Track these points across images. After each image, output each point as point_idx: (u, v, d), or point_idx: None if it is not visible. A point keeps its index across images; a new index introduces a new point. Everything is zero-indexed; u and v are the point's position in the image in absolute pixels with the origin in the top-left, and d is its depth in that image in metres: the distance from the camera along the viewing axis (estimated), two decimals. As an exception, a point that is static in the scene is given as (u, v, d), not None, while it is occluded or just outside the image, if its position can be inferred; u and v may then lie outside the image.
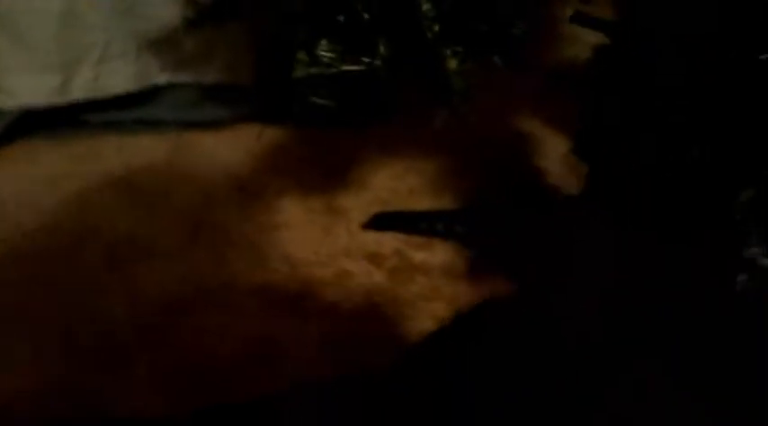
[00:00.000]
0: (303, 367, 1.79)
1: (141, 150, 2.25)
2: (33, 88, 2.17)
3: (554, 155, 2.06)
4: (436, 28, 1.75)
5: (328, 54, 1.78)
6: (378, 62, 1.77)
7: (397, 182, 2.10)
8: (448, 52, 1.78)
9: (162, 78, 2.26)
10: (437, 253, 1.99)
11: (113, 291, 1.92)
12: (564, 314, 1.81)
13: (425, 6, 1.74)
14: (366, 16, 1.74)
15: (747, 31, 1.56)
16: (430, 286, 1.93)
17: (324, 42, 1.76)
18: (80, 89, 2.21)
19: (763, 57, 1.51)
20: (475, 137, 2.11)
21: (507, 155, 2.11)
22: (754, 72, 1.56)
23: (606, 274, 1.85)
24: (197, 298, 1.92)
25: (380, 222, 2.04)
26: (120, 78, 2.24)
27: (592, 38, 2.00)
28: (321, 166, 2.15)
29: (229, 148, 2.25)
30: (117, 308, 1.90)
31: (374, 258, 1.99)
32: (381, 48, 1.77)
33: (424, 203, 2.06)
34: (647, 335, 1.73)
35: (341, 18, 1.75)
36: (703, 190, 1.67)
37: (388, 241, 2.01)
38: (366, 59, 1.77)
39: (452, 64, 1.79)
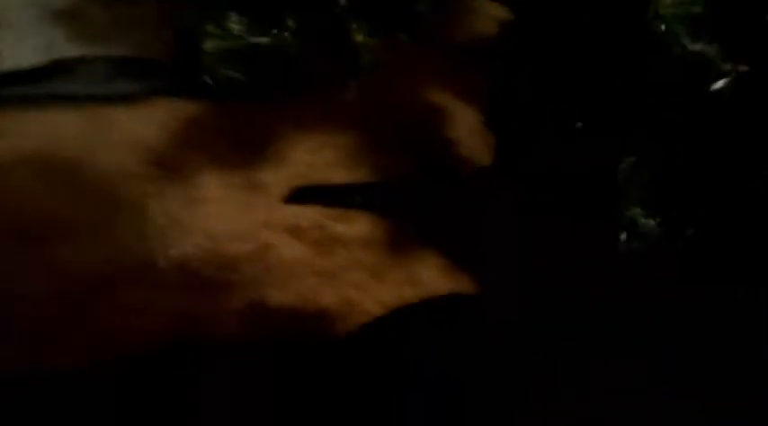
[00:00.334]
0: (227, 340, 1.83)
1: (55, 126, 2.21)
2: (-67, 61, 2.12)
3: (465, 126, 2.13)
4: (343, 1, 1.80)
5: (237, 26, 1.81)
6: (286, 34, 1.82)
7: (313, 157, 2.14)
8: (355, 26, 1.84)
9: (71, 51, 2.23)
10: (356, 225, 2.04)
11: (33, 270, 1.91)
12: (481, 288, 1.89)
13: None
14: None
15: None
16: (350, 257, 1.99)
17: (233, 15, 1.79)
18: (-17, 62, 2.17)
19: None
20: (388, 111, 2.16)
21: (420, 127, 2.18)
22: (632, 45, 1.67)
23: (513, 246, 1.95)
24: (118, 275, 1.93)
25: (300, 195, 2.08)
26: (25, 50, 2.21)
27: (500, 12, 2.08)
28: (238, 141, 2.17)
29: (144, 123, 2.24)
30: (38, 287, 1.89)
31: (294, 231, 2.03)
32: (289, 21, 1.81)
33: (341, 177, 2.11)
34: (557, 310, 1.83)
35: None
36: (590, 158, 1.79)
37: (308, 214, 2.06)
38: (275, 31, 1.81)
39: (359, 37, 1.84)
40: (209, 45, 1.77)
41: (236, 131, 2.18)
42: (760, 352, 1.73)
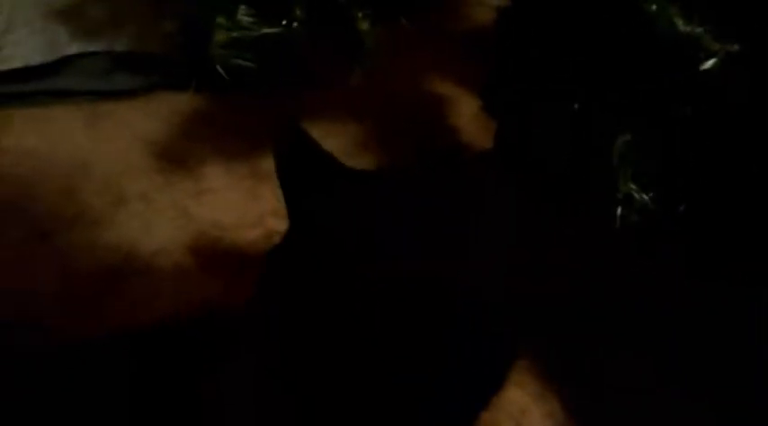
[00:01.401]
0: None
1: (55, 122, 2.23)
2: (-63, 60, 2.12)
3: (467, 113, 2.17)
4: None
5: (247, 18, 1.85)
6: (295, 25, 1.86)
7: (318, 145, 2.16)
8: (359, 14, 1.89)
9: (72, 48, 2.24)
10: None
11: (44, 264, 1.93)
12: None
13: None
14: None
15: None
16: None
17: (243, 7, 1.83)
18: (-15, 61, 2.18)
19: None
20: (391, 99, 2.20)
21: (422, 114, 2.22)
22: (624, 26, 1.71)
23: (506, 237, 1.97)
24: (128, 267, 1.94)
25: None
26: (27, 49, 2.22)
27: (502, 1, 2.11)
28: (241, 132, 2.19)
29: (146, 117, 2.26)
30: (48, 280, 1.91)
31: (302, 218, 2.05)
32: (297, 11, 1.86)
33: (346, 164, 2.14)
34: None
35: None
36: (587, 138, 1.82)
37: (315, 201, 2.08)
38: (284, 22, 1.86)
39: (363, 25, 1.90)
40: (220, 37, 1.81)
41: (238, 123, 2.21)
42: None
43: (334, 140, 2.18)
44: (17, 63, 2.21)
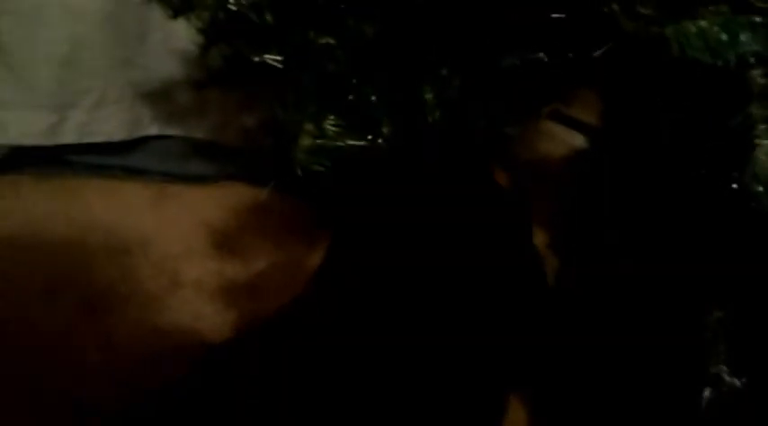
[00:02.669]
0: None
1: (124, 197, 2.27)
2: (26, 126, 2.19)
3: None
4: (437, 115, 1.85)
5: (334, 128, 1.86)
6: (380, 139, 1.87)
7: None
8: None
9: (152, 129, 2.30)
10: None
11: (89, 339, 1.92)
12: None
13: (428, 95, 1.85)
14: (373, 98, 1.84)
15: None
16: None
17: (331, 117, 1.85)
18: (71, 132, 2.24)
19: None
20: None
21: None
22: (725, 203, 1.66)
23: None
24: (172, 352, 1.93)
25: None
26: (111, 125, 2.28)
27: (567, 136, 2.13)
28: (302, 233, 2.20)
29: (212, 204, 2.29)
30: (92, 358, 1.90)
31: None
32: (384, 128, 1.87)
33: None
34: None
35: (349, 97, 1.84)
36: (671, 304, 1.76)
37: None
38: (369, 136, 1.87)
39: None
40: (304, 142, 1.82)
41: (301, 223, 2.22)
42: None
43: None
44: (100, 138, 2.27)
